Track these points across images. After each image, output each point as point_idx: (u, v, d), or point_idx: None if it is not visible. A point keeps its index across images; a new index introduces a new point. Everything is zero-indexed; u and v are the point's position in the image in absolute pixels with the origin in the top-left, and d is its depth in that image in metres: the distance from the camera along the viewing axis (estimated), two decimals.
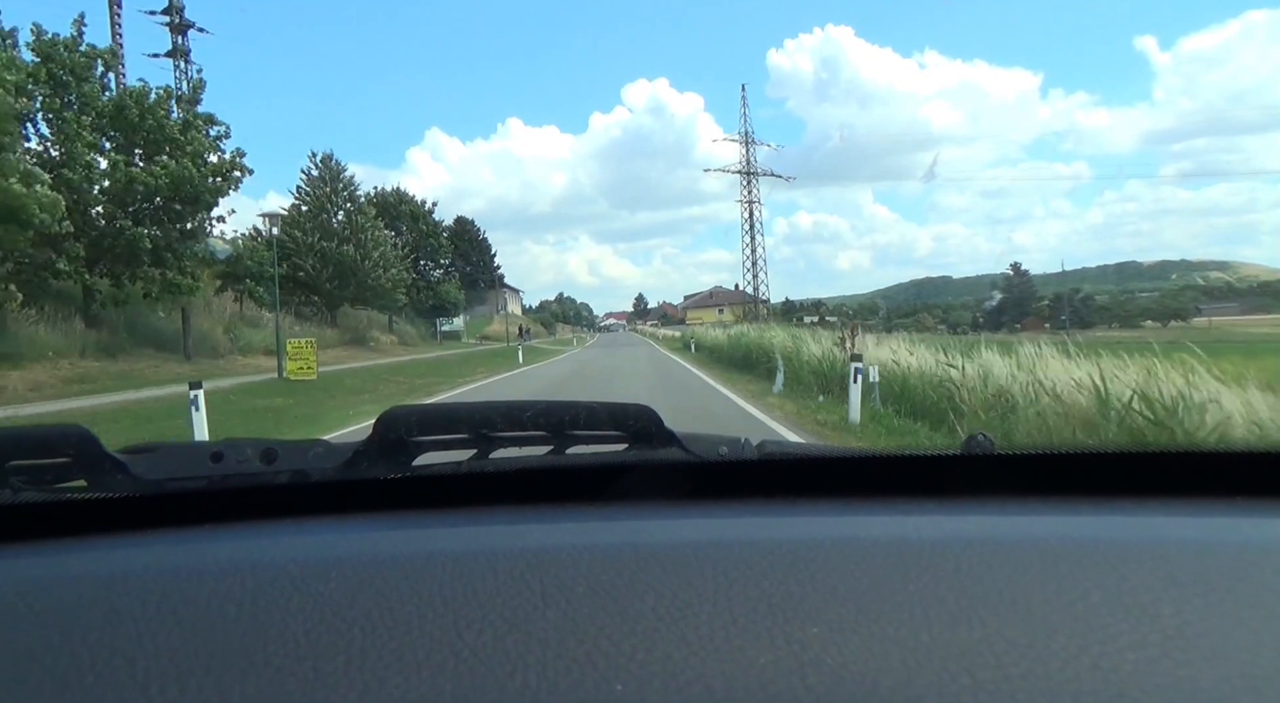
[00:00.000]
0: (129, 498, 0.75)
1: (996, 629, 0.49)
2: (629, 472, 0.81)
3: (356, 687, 0.46)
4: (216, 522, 0.74)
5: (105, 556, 0.66)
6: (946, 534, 0.64)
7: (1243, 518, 0.69)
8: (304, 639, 0.50)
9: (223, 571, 0.60)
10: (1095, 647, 0.48)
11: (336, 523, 0.73)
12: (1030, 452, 0.81)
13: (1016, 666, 0.46)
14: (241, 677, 0.47)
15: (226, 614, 0.53)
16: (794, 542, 0.62)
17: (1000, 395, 7.68)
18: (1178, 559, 0.58)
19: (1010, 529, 0.66)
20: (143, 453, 0.81)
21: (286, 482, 0.78)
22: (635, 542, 0.63)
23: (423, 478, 0.79)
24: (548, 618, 0.52)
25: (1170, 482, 0.77)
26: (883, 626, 0.50)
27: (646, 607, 0.52)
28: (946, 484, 0.78)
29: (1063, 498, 0.74)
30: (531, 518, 0.72)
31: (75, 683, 0.48)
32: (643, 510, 0.74)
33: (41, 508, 0.75)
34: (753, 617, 0.51)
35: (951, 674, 0.46)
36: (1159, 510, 0.71)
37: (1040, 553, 0.59)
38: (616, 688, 0.46)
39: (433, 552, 0.62)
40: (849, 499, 0.76)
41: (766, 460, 0.83)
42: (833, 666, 0.47)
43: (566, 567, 0.57)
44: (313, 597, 0.55)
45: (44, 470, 0.79)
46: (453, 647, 0.49)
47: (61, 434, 0.78)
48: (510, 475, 0.81)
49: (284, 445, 0.82)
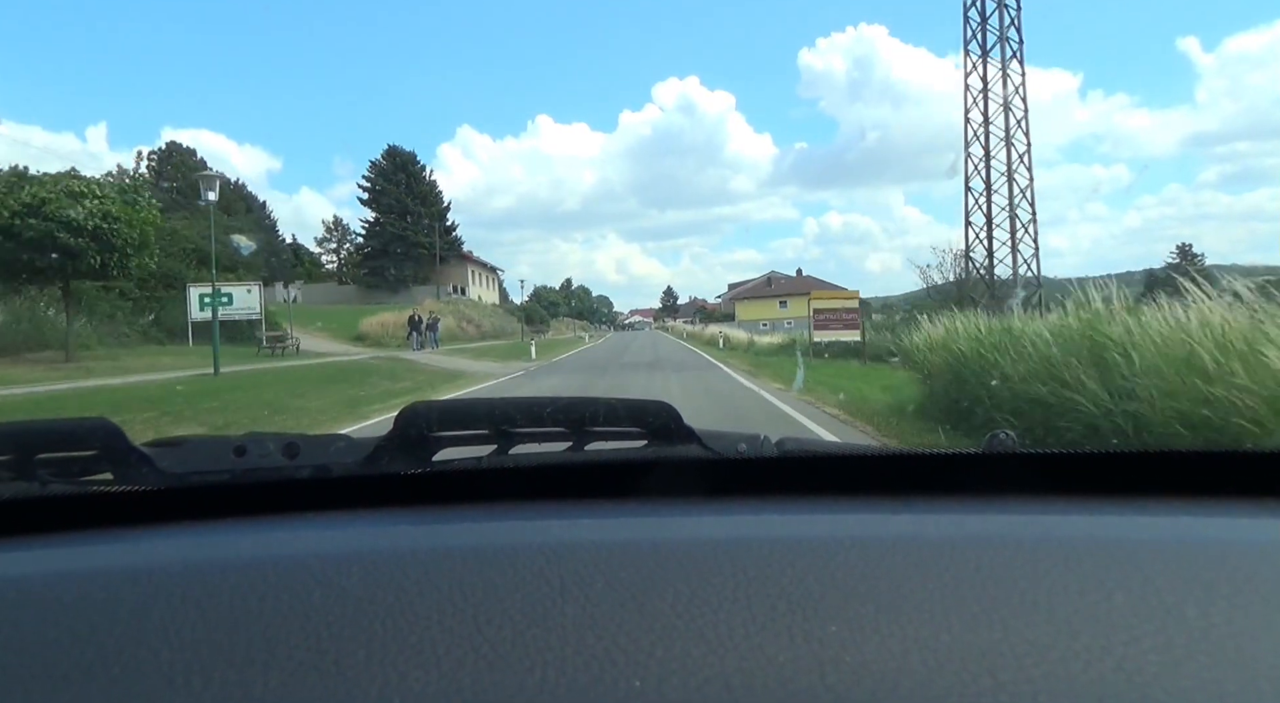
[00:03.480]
0: (154, 492, 0.76)
1: (1018, 630, 0.49)
2: (648, 468, 0.81)
3: (377, 680, 0.47)
4: (239, 516, 0.74)
5: (131, 548, 0.67)
6: (968, 533, 0.63)
7: (1271, 518, 0.68)
8: (325, 633, 0.51)
9: (245, 564, 0.60)
10: (1119, 648, 0.47)
11: (358, 517, 0.74)
12: (1052, 451, 0.80)
13: (1039, 666, 0.46)
14: (264, 670, 0.48)
15: (249, 608, 0.54)
16: (814, 540, 0.61)
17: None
18: (1204, 559, 0.57)
19: (1032, 529, 0.66)
20: (168, 447, 0.83)
21: (308, 476, 0.79)
22: (654, 538, 0.63)
23: (443, 473, 0.80)
24: (567, 614, 0.52)
25: (1197, 481, 0.75)
26: (903, 625, 0.50)
27: (665, 603, 0.52)
28: (968, 483, 0.77)
29: (1086, 497, 0.73)
30: (551, 514, 0.73)
31: (101, 674, 0.48)
32: (662, 507, 0.74)
33: (68, 501, 0.76)
34: (772, 615, 0.51)
35: (973, 675, 0.45)
36: (1184, 510, 0.70)
37: (1063, 553, 0.58)
38: (635, 684, 0.46)
39: (453, 547, 0.62)
40: (869, 498, 0.75)
41: (786, 458, 0.83)
42: (852, 665, 0.46)
43: (586, 563, 0.58)
44: (334, 591, 0.55)
45: (71, 463, 0.80)
46: (472, 642, 0.49)
47: (89, 428, 0.79)
48: (530, 471, 0.81)
49: (306, 440, 0.82)
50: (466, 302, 55.18)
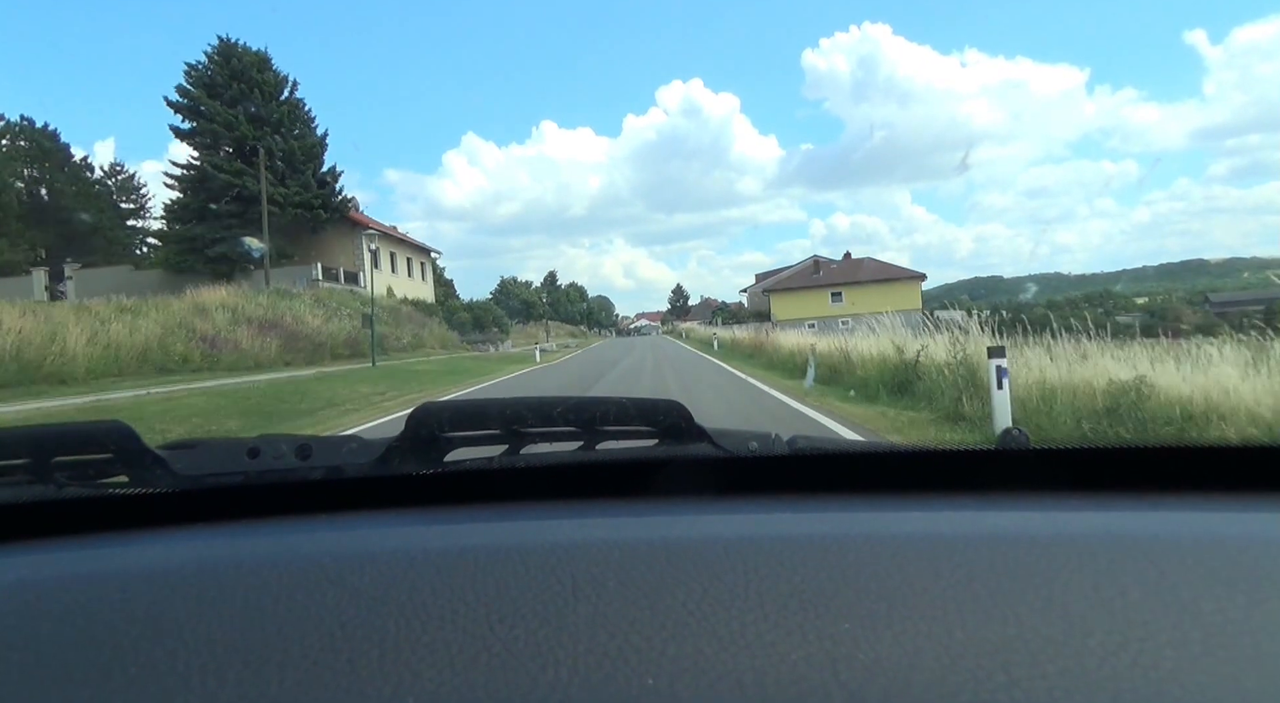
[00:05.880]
0: (169, 493, 0.77)
1: (1032, 626, 0.49)
2: (660, 467, 0.81)
3: (391, 680, 0.47)
4: (253, 517, 0.75)
5: (146, 550, 0.68)
6: (981, 530, 0.63)
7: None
8: (339, 633, 0.51)
9: (260, 565, 0.61)
10: (1134, 644, 0.47)
11: (370, 518, 0.74)
12: (1066, 447, 0.80)
13: (1053, 663, 0.46)
14: (279, 669, 0.48)
15: (264, 608, 0.54)
16: (825, 537, 0.61)
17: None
18: (1220, 555, 0.57)
19: (1046, 525, 0.65)
20: (182, 449, 0.83)
21: (321, 477, 0.80)
22: (666, 537, 0.63)
23: (455, 473, 0.80)
24: (579, 612, 0.52)
25: (1212, 477, 0.75)
26: (916, 622, 0.50)
27: (677, 602, 0.52)
28: (981, 480, 0.77)
29: (1100, 494, 0.73)
30: (563, 513, 0.73)
31: (118, 674, 0.49)
32: (673, 506, 0.74)
33: (84, 503, 0.77)
34: (784, 612, 0.51)
35: (987, 672, 0.45)
36: (1200, 506, 0.69)
37: (1077, 549, 0.58)
38: (648, 682, 0.46)
39: (465, 547, 0.62)
40: (881, 495, 0.75)
41: (797, 455, 0.82)
42: (865, 662, 0.46)
43: (598, 561, 0.58)
44: (348, 591, 0.56)
45: (87, 466, 0.81)
46: (485, 641, 0.49)
47: (104, 430, 0.80)
48: (541, 471, 0.81)
49: (319, 441, 0.83)
50: (341, 294, 31.90)
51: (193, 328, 20.87)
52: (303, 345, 24.24)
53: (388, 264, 40.50)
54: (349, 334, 26.71)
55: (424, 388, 16.19)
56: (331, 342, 25.93)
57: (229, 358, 20.59)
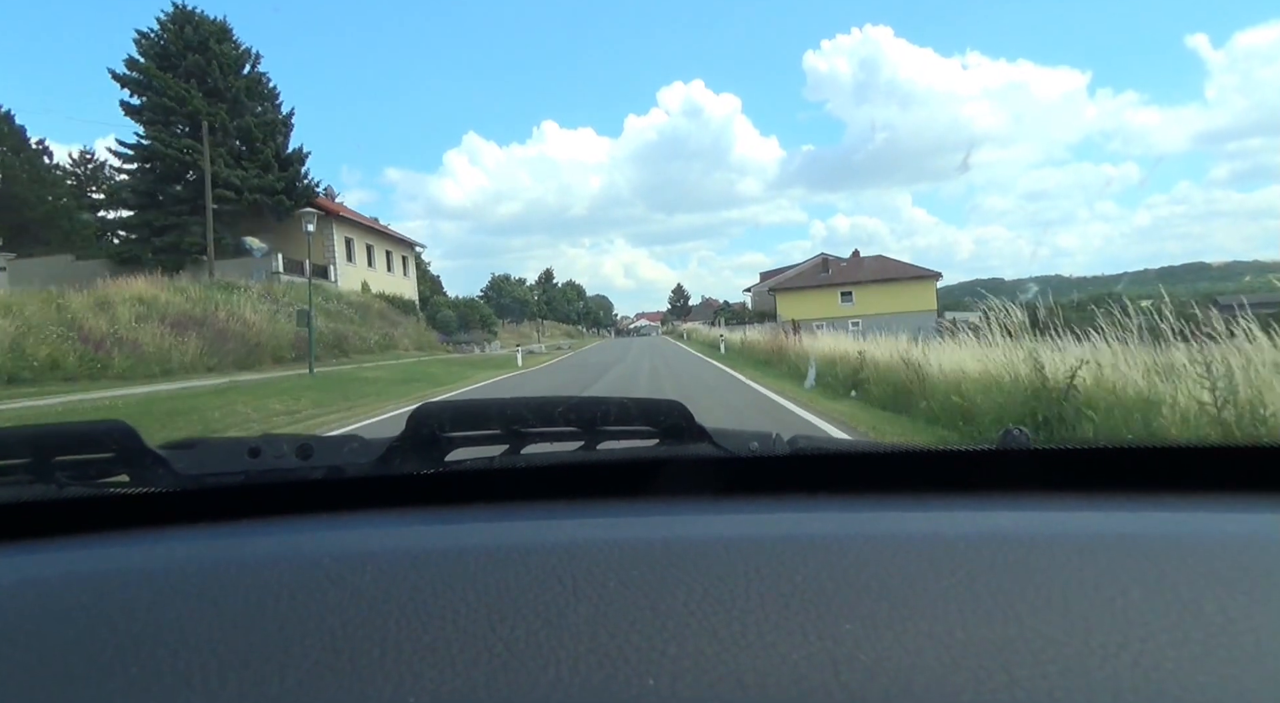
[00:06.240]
0: (170, 493, 0.77)
1: (1033, 626, 0.49)
2: (660, 467, 0.81)
3: (392, 679, 0.47)
4: (254, 516, 0.75)
5: (147, 549, 0.68)
6: (982, 530, 0.63)
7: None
8: (340, 632, 0.51)
9: (261, 564, 0.61)
10: (1135, 644, 0.47)
11: (371, 518, 0.74)
12: (1067, 447, 0.80)
13: (1054, 663, 0.46)
14: (280, 669, 0.48)
15: (265, 607, 0.54)
16: (826, 537, 0.61)
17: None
18: (1221, 555, 0.57)
19: (1047, 525, 0.65)
20: (183, 448, 0.83)
21: (322, 477, 0.80)
22: (667, 537, 0.63)
23: (455, 473, 0.80)
24: (580, 612, 0.52)
25: (1213, 476, 0.75)
26: (917, 622, 0.50)
27: (678, 602, 0.52)
28: (982, 480, 0.77)
29: (1101, 494, 0.73)
30: (563, 513, 0.73)
31: (119, 674, 0.49)
32: (674, 506, 0.74)
33: (85, 502, 0.77)
34: (785, 613, 0.51)
35: (988, 672, 0.45)
36: (1201, 505, 0.69)
37: (1078, 548, 0.58)
38: (649, 682, 0.46)
39: (466, 547, 0.62)
40: (882, 494, 0.75)
41: (798, 456, 0.82)
42: (866, 662, 0.46)
43: (598, 561, 0.58)
44: (348, 591, 0.56)
45: (87, 465, 0.81)
46: (486, 640, 0.49)
47: (105, 430, 0.80)
48: (542, 471, 0.81)
49: (319, 441, 0.83)
50: (301, 288, 24.84)
51: (79, 326, 16.47)
52: (233, 347, 20.34)
53: (363, 257, 37.42)
54: (297, 334, 21.63)
55: (356, 402, 12.56)
56: (274, 343, 22.11)
57: (122, 363, 16.37)
